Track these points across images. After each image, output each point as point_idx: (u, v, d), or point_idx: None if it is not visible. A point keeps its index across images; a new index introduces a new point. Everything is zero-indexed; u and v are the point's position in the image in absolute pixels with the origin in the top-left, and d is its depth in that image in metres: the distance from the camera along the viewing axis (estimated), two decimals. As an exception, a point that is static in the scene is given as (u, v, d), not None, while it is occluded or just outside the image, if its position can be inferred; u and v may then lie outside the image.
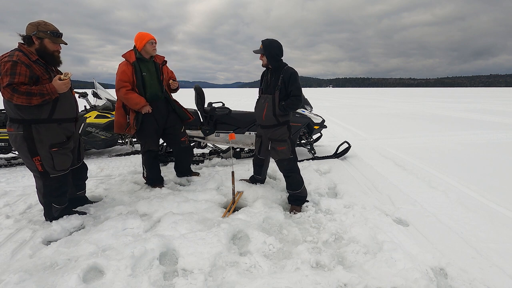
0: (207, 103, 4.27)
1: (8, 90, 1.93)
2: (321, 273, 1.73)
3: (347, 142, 4.67)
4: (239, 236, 2.20)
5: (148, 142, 3.09)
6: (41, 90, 2.01)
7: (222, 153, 4.65)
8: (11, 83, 1.93)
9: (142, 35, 2.87)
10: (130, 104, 2.86)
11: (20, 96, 1.94)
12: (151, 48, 2.89)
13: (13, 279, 1.63)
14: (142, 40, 2.85)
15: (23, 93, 1.95)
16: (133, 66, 2.85)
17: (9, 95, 1.94)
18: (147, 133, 3.05)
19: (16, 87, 1.94)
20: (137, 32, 3.24)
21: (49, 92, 2.04)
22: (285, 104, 2.52)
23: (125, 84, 2.84)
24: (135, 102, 2.84)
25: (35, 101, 2.00)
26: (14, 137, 2.12)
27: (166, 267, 1.84)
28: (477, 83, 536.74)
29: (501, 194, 2.98)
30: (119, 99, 2.93)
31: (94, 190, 3.09)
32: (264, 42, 2.50)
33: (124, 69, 2.84)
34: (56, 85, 2.07)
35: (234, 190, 2.71)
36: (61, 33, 2.17)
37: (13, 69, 1.95)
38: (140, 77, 2.88)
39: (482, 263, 1.84)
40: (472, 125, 8.06)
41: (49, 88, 2.04)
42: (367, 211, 2.52)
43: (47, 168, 2.20)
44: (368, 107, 14.85)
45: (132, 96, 2.84)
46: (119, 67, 2.88)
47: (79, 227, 2.35)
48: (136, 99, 2.84)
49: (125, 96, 2.83)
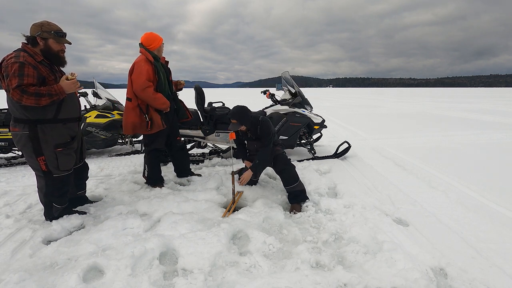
0: (207, 103, 4.27)
1: (17, 91, 1.92)
2: (321, 273, 1.73)
3: (347, 142, 4.67)
4: (239, 236, 2.20)
5: (158, 140, 3.09)
6: (49, 90, 2.02)
7: (222, 153, 4.65)
8: (20, 85, 1.93)
9: (155, 36, 2.89)
10: (157, 103, 2.82)
11: (29, 97, 1.94)
12: (162, 50, 2.96)
13: (13, 279, 1.63)
14: (158, 41, 2.89)
15: (32, 94, 1.95)
16: (154, 65, 2.83)
17: (18, 96, 1.93)
18: (160, 132, 3.02)
19: (25, 88, 1.94)
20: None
21: (57, 93, 2.05)
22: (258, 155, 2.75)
23: (151, 83, 2.79)
24: (163, 102, 2.84)
25: (43, 101, 2.01)
26: (19, 137, 2.11)
27: (166, 267, 1.85)
28: (477, 83, 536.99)
29: (501, 194, 2.97)
30: (140, 98, 2.81)
31: (94, 190, 3.09)
32: (235, 117, 2.69)
33: (148, 68, 2.78)
34: (64, 85, 2.08)
35: (234, 190, 2.70)
36: (65, 33, 2.17)
37: (21, 71, 1.94)
38: (161, 77, 2.89)
39: (482, 263, 1.84)
40: (472, 125, 8.06)
41: (57, 89, 2.05)
42: (367, 211, 2.52)
43: (51, 168, 2.20)
44: (368, 107, 14.85)
45: (159, 96, 2.83)
46: (140, 66, 2.78)
47: (79, 227, 2.35)
48: (162, 98, 2.85)
49: (153, 96, 2.79)
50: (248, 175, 2.72)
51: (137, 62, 2.83)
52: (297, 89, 4.55)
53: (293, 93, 4.58)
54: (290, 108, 4.34)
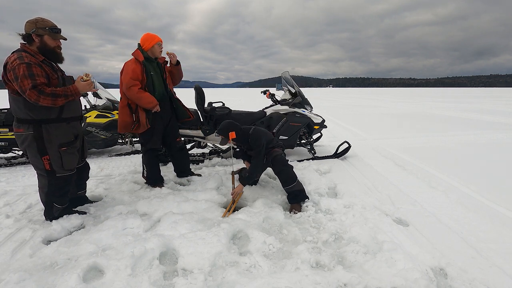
0: (207, 103, 4.27)
1: (35, 92, 1.91)
2: (321, 273, 1.73)
3: (347, 142, 4.66)
4: (239, 236, 2.20)
5: (153, 140, 3.09)
6: (65, 91, 2.04)
7: (222, 153, 4.65)
8: (35, 85, 1.92)
9: (151, 36, 2.90)
10: (143, 103, 2.83)
11: (46, 98, 1.94)
12: (158, 50, 2.93)
13: (13, 279, 1.63)
14: (151, 41, 2.88)
15: (49, 94, 1.95)
16: (142, 65, 2.84)
17: (35, 97, 1.92)
18: (154, 132, 3.04)
19: (42, 89, 1.93)
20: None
21: (73, 93, 2.08)
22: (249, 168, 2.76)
23: (136, 82, 2.80)
24: (149, 101, 2.84)
25: (60, 102, 2.02)
26: (23, 137, 2.11)
27: (166, 267, 1.85)
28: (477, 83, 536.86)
29: (501, 194, 2.97)
30: (128, 97, 2.86)
31: (94, 190, 3.10)
32: (222, 132, 2.72)
33: (134, 67, 2.81)
34: (79, 86, 2.12)
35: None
36: (59, 28, 2.16)
37: (30, 71, 1.93)
38: (150, 76, 2.89)
39: (482, 263, 1.84)
40: (472, 125, 8.05)
41: (72, 89, 2.08)
42: (367, 211, 2.52)
43: (55, 167, 2.21)
44: (368, 107, 14.84)
45: (145, 95, 2.83)
46: (128, 65, 2.83)
47: (79, 227, 2.35)
48: (149, 98, 2.84)
49: (137, 95, 2.80)
50: (240, 188, 2.70)
51: (126, 62, 2.91)
52: (297, 89, 4.55)
53: (293, 93, 4.58)
54: (290, 108, 4.34)
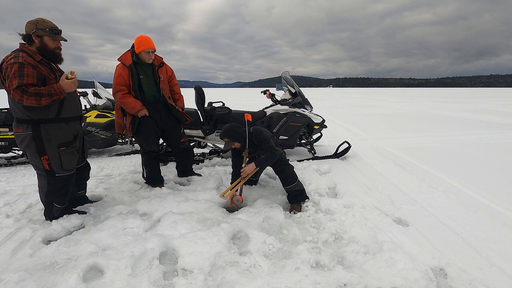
0: (207, 103, 4.27)
1: (18, 92, 1.93)
2: (321, 273, 1.73)
3: (347, 142, 4.67)
4: (239, 236, 2.20)
5: (148, 143, 3.09)
6: (49, 90, 2.01)
7: (222, 152, 4.65)
8: (20, 85, 1.93)
9: (141, 41, 2.77)
10: (127, 108, 2.87)
11: (29, 98, 1.95)
12: (146, 57, 2.82)
13: (13, 278, 1.63)
14: (139, 46, 2.78)
15: (32, 94, 1.95)
16: (129, 69, 2.82)
17: (19, 96, 1.94)
18: (147, 135, 3.05)
19: (25, 88, 1.94)
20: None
21: (57, 92, 2.05)
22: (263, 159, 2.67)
23: (121, 88, 2.82)
24: (131, 107, 2.84)
25: (44, 101, 2.00)
26: (22, 137, 2.11)
27: (166, 267, 1.84)
28: (477, 83, 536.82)
29: (501, 194, 2.97)
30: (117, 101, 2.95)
31: (94, 190, 3.10)
32: (225, 135, 2.65)
33: (120, 72, 2.82)
34: (64, 84, 2.08)
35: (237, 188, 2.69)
36: (60, 29, 2.16)
37: (21, 71, 1.94)
38: (137, 80, 2.86)
39: (482, 264, 1.84)
40: (472, 125, 8.05)
41: (57, 88, 2.05)
42: (367, 211, 2.52)
43: (54, 167, 2.21)
44: (369, 107, 14.84)
45: (128, 101, 2.83)
46: (116, 71, 2.87)
47: (79, 227, 2.35)
48: (131, 103, 2.83)
49: (121, 101, 2.84)
50: (251, 167, 2.64)
51: (116, 66, 2.91)
52: (297, 89, 4.55)
53: (293, 93, 4.58)
54: (290, 108, 4.34)
